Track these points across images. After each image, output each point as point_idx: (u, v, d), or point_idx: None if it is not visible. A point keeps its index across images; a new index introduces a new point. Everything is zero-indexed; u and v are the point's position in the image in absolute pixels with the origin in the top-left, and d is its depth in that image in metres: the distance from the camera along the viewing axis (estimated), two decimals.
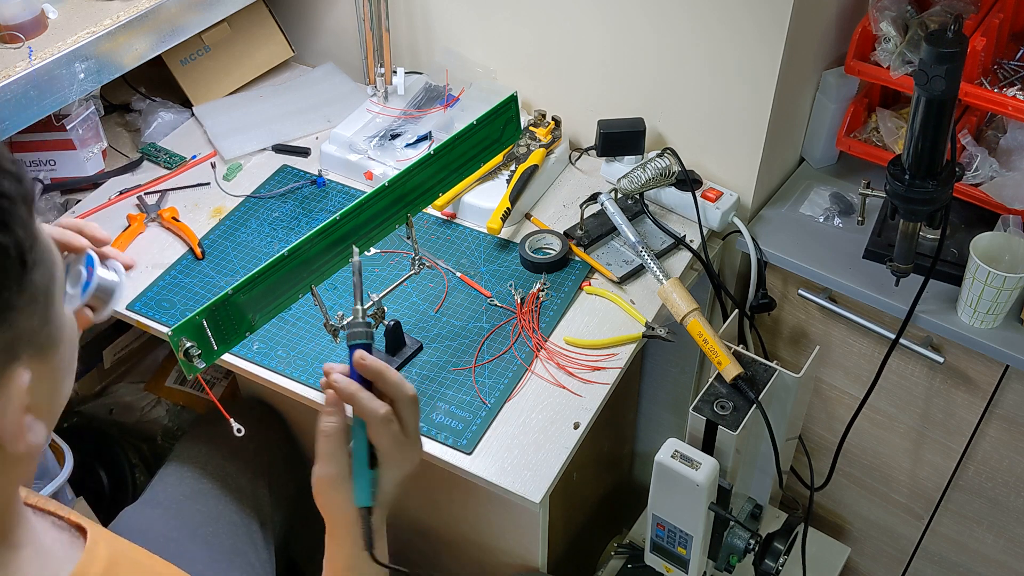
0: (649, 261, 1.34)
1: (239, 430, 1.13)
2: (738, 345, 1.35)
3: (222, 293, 1.03)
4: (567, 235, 1.43)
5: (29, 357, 0.64)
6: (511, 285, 1.37)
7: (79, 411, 1.85)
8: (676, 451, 1.19)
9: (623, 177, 1.43)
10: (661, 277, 1.31)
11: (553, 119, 1.55)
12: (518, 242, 1.43)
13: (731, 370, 1.22)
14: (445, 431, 1.19)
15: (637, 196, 1.45)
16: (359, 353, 0.91)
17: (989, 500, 1.53)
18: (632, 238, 1.37)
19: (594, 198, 1.42)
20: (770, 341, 1.59)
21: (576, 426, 1.20)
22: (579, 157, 1.58)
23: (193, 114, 1.70)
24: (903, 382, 1.47)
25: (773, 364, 1.27)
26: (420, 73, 1.69)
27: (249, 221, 1.50)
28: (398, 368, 1.27)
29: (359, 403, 0.89)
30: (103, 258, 0.95)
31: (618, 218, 1.39)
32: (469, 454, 1.17)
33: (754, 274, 1.45)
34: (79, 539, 0.77)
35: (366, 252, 1.23)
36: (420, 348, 1.29)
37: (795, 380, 1.25)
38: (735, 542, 1.31)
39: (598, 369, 1.27)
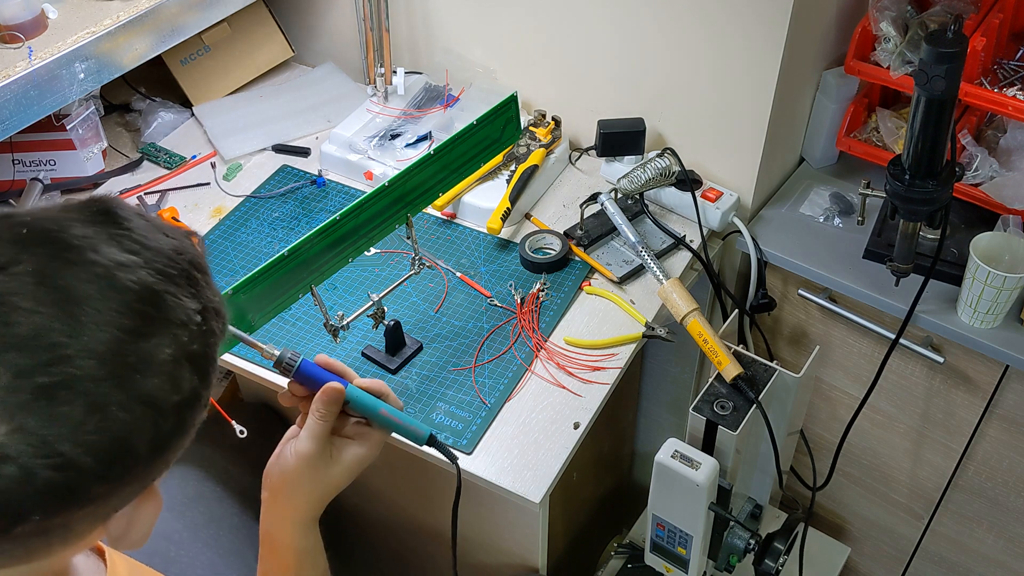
0: (649, 261, 1.34)
1: (242, 432, 1.13)
2: (738, 345, 1.35)
3: (222, 293, 1.03)
4: (567, 235, 1.43)
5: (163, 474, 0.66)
6: (511, 285, 1.37)
7: None
8: (676, 451, 1.18)
9: (623, 177, 1.43)
10: (661, 277, 1.31)
11: (553, 119, 1.55)
12: (518, 242, 1.43)
13: (731, 370, 1.22)
14: (445, 431, 1.19)
15: (637, 196, 1.45)
16: (320, 357, 0.95)
17: (989, 500, 1.53)
18: (632, 238, 1.36)
19: (594, 198, 1.42)
20: (770, 341, 1.59)
21: (576, 426, 1.20)
22: (579, 157, 1.58)
23: (193, 114, 1.70)
24: (903, 382, 1.47)
25: (773, 364, 1.27)
26: (420, 73, 1.69)
27: (249, 221, 1.50)
28: (398, 368, 1.27)
29: (363, 383, 0.95)
30: None
31: (618, 218, 1.39)
32: (469, 454, 1.17)
33: (754, 274, 1.45)
34: (100, 561, 0.80)
35: (366, 252, 1.23)
36: (420, 348, 1.29)
37: (795, 380, 1.25)
38: (735, 542, 1.31)
39: (598, 369, 1.27)
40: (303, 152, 1.63)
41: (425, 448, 1.16)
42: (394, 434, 0.97)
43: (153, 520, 0.66)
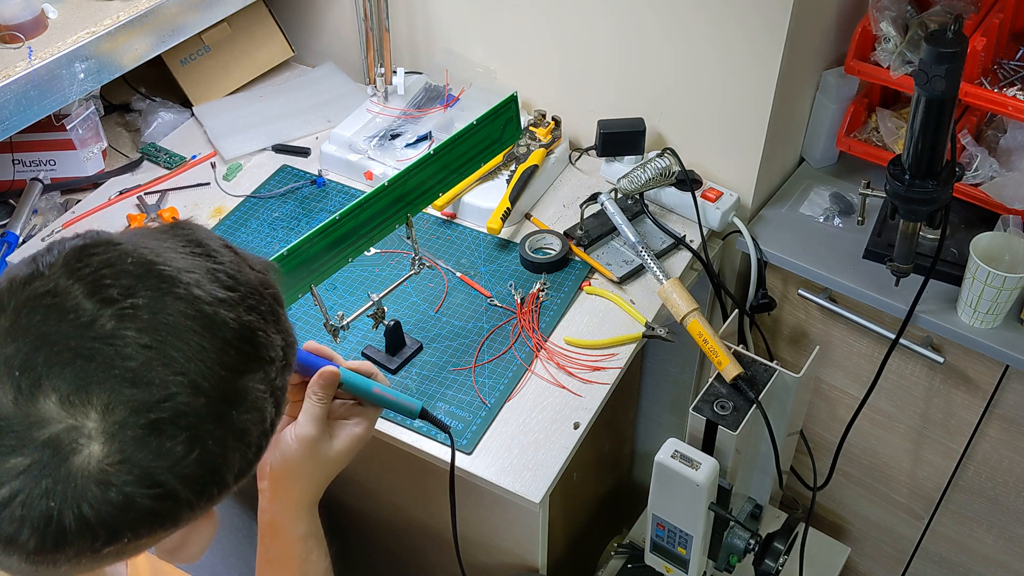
0: (649, 261, 1.34)
1: None
2: (738, 345, 1.35)
3: None
4: (567, 235, 1.43)
5: None
6: (511, 285, 1.37)
7: None
8: (676, 451, 1.18)
9: (623, 177, 1.43)
10: (661, 277, 1.31)
11: (553, 119, 1.55)
12: (518, 242, 1.43)
13: (731, 370, 1.22)
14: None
15: (637, 196, 1.45)
16: (308, 343, 0.96)
17: (989, 500, 1.53)
18: (632, 238, 1.36)
19: (594, 198, 1.42)
20: (770, 341, 1.59)
21: (576, 426, 1.20)
22: (579, 157, 1.58)
23: (193, 114, 1.70)
24: (903, 382, 1.47)
25: (773, 364, 1.27)
26: (420, 73, 1.69)
27: (249, 221, 1.50)
28: (398, 368, 1.27)
29: (351, 365, 0.96)
30: None
31: (618, 218, 1.39)
32: (469, 454, 1.17)
33: (754, 274, 1.45)
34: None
35: (366, 252, 1.23)
36: (420, 348, 1.29)
37: (795, 380, 1.25)
38: (735, 542, 1.30)
39: (598, 369, 1.27)
40: (303, 152, 1.63)
41: (424, 446, 1.17)
42: (398, 426, 0.98)
43: (209, 539, 0.69)
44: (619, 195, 1.42)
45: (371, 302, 1.21)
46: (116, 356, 0.56)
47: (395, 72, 1.65)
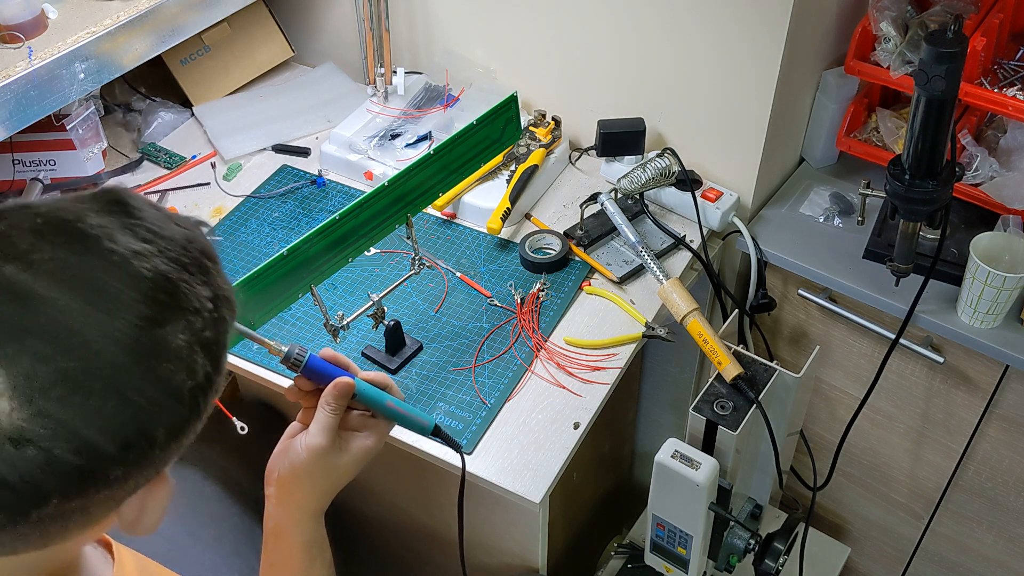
0: (649, 261, 1.34)
1: (242, 428, 1.13)
2: (738, 345, 1.35)
3: None
4: (567, 235, 1.43)
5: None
6: (511, 285, 1.37)
7: None
8: (676, 451, 1.18)
9: (623, 177, 1.43)
10: (661, 277, 1.31)
11: (553, 119, 1.55)
12: (518, 242, 1.43)
13: (731, 370, 1.22)
14: (445, 431, 1.19)
15: (637, 196, 1.45)
16: (325, 351, 0.95)
17: (989, 500, 1.53)
18: (632, 238, 1.36)
19: (594, 198, 1.42)
20: (770, 341, 1.59)
21: (576, 426, 1.20)
22: (579, 157, 1.58)
23: (193, 114, 1.70)
24: (903, 382, 1.47)
25: (773, 364, 1.27)
26: (420, 73, 1.69)
27: (249, 221, 1.50)
28: (398, 368, 1.27)
29: (367, 376, 0.95)
30: None
31: (618, 218, 1.39)
32: (469, 454, 1.17)
33: (754, 274, 1.45)
34: (107, 554, 0.81)
35: (366, 252, 1.23)
36: (420, 348, 1.29)
37: (795, 380, 1.25)
38: (735, 542, 1.30)
39: (598, 369, 1.27)
40: (303, 152, 1.63)
41: (426, 447, 1.17)
42: (398, 426, 0.98)
43: (165, 505, 0.68)
44: (619, 195, 1.42)
45: (371, 302, 1.21)
46: (23, 310, 0.56)
47: (395, 72, 1.65)
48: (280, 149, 1.63)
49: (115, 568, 0.79)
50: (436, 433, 0.99)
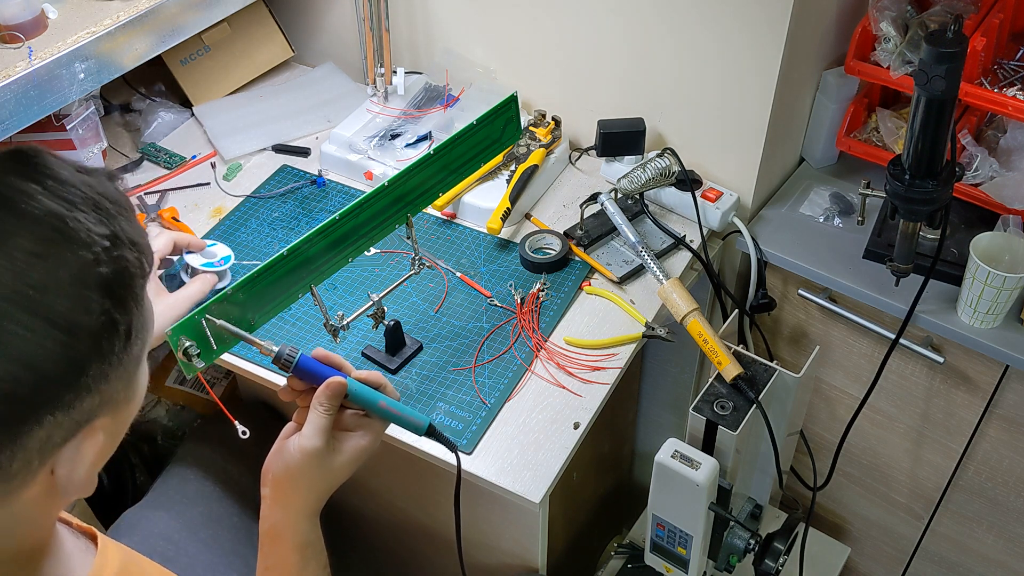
0: (649, 261, 1.34)
1: (243, 432, 1.13)
2: (738, 345, 1.35)
3: (221, 292, 1.03)
4: (567, 235, 1.43)
5: (105, 416, 0.65)
6: (511, 285, 1.37)
7: None
8: (676, 451, 1.19)
9: (623, 177, 1.43)
10: (661, 277, 1.31)
11: (553, 119, 1.55)
12: (518, 242, 1.43)
13: (731, 370, 1.22)
14: (445, 431, 1.19)
15: (637, 196, 1.45)
16: (317, 350, 0.95)
17: (989, 500, 1.53)
18: (632, 238, 1.36)
19: (594, 198, 1.42)
20: (770, 341, 1.59)
21: (576, 426, 1.20)
22: (579, 157, 1.58)
23: (193, 114, 1.70)
24: (903, 382, 1.47)
25: (773, 364, 1.27)
26: (420, 73, 1.69)
27: (249, 221, 1.50)
28: (398, 368, 1.27)
29: (360, 375, 0.96)
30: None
31: (618, 218, 1.39)
32: (469, 454, 1.17)
33: (754, 274, 1.45)
34: (91, 544, 0.80)
35: (366, 252, 1.23)
36: (420, 348, 1.29)
37: (795, 380, 1.25)
38: (735, 542, 1.31)
39: (598, 369, 1.27)
40: (303, 152, 1.63)
41: (424, 447, 1.17)
42: (393, 425, 0.98)
43: (97, 461, 0.66)
44: (619, 195, 1.42)
45: (371, 302, 1.21)
46: None
47: (395, 72, 1.65)
48: (280, 149, 1.63)
49: (97, 558, 0.78)
50: (430, 433, 0.99)
